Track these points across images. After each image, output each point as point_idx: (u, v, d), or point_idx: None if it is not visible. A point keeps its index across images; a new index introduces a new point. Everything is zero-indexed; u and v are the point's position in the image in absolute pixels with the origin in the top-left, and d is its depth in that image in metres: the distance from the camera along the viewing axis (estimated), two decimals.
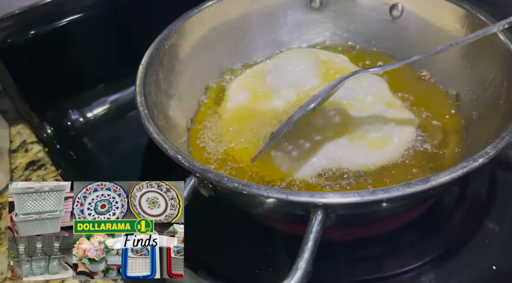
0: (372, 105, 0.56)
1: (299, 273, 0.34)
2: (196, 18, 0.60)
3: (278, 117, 0.56)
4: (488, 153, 0.38)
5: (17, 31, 0.63)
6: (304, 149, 0.51)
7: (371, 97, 0.57)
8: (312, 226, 0.36)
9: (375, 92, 0.57)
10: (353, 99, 0.56)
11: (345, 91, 0.54)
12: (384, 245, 0.50)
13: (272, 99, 0.59)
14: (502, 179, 0.54)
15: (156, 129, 0.45)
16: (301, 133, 0.52)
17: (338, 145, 0.51)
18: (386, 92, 0.58)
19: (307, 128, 0.53)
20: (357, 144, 0.51)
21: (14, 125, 0.64)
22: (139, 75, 0.51)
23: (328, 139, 0.52)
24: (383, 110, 0.55)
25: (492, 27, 0.47)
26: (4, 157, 0.57)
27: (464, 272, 0.46)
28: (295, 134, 0.52)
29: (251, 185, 0.38)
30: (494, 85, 0.51)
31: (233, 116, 0.58)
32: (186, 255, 0.47)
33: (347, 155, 0.51)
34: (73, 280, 0.45)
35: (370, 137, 0.52)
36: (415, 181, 0.36)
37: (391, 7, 0.63)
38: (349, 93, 0.56)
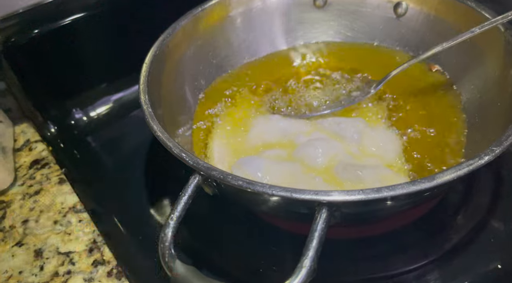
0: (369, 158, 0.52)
1: (304, 271, 0.33)
2: (199, 16, 0.60)
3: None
4: (493, 151, 0.38)
5: (21, 30, 0.63)
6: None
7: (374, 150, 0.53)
8: (317, 224, 0.36)
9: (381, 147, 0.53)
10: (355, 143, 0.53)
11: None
12: (389, 243, 0.50)
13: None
14: (507, 177, 0.53)
15: (160, 127, 0.45)
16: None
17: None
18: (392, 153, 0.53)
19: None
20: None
21: (18, 124, 0.64)
22: (142, 74, 0.51)
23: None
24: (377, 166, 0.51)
25: (495, 20, 0.47)
26: (8, 156, 0.58)
27: (469, 270, 0.46)
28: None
29: (256, 183, 0.37)
30: (499, 83, 0.51)
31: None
32: (191, 253, 0.47)
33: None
34: (77, 278, 0.46)
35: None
36: (420, 179, 0.36)
37: (395, 5, 0.63)
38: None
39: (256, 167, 0.48)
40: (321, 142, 0.52)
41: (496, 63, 0.52)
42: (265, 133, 0.55)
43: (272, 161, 0.50)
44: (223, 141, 0.56)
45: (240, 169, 0.48)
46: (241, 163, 0.50)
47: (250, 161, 0.50)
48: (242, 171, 0.48)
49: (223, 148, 0.55)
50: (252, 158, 0.51)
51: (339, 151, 0.51)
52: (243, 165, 0.49)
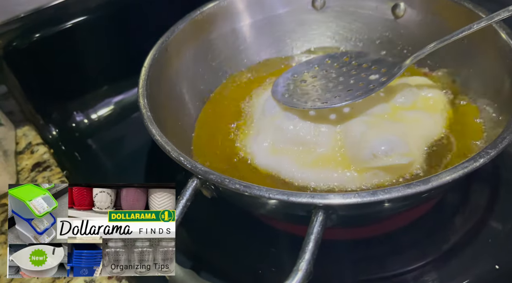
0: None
1: (300, 274, 0.34)
2: (198, 20, 0.60)
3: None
4: (488, 153, 0.38)
5: (22, 35, 0.63)
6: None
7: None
8: (313, 227, 0.36)
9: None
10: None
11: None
12: (387, 244, 0.50)
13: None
14: (505, 177, 0.54)
15: (159, 131, 0.45)
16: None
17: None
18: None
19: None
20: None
21: (20, 127, 0.65)
22: (141, 78, 0.51)
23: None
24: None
25: (487, 19, 0.48)
26: (10, 159, 0.58)
27: (467, 271, 0.46)
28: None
29: (252, 186, 0.38)
30: (495, 85, 0.51)
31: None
32: (189, 255, 0.48)
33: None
34: (78, 279, 0.46)
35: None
36: (416, 181, 0.36)
37: (393, 7, 0.63)
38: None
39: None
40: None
41: (493, 64, 0.52)
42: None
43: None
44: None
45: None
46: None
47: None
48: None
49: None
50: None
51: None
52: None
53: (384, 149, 0.47)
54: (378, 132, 0.49)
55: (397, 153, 0.47)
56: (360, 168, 0.48)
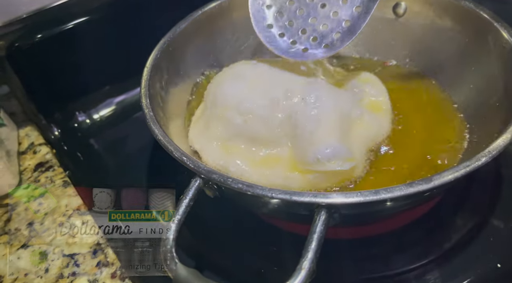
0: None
1: (303, 273, 0.34)
2: (199, 20, 0.60)
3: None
4: (490, 152, 0.38)
5: (24, 35, 0.63)
6: None
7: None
8: (316, 226, 0.36)
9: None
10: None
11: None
12: (389, 243, 0.50)
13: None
14: (507, 176, 0.54)
15: (162, 131, 0.45)
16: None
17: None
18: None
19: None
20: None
21: (22, 128, 0.65)
22: (144, 78, 0.51)
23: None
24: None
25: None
26: (13, 159, 0.58)
27: (469, 270, 0.46)
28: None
29: (255, 186, 0.38)
30: (497, 84, 0.51)
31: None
32: (192, 254, 0.48)
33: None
34: (81, 278, 0.46)
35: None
36: (418, 180, 0.36)
37: (394, 6, 0.63)
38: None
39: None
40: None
41: (495, 64, 0.52)
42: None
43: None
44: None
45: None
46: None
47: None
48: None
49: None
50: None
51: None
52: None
53: (327, 154, 0.46)
54: (325, 134, 0.48)
55: (340, 158, 0.47)
56: (304, 169, 0.48)
